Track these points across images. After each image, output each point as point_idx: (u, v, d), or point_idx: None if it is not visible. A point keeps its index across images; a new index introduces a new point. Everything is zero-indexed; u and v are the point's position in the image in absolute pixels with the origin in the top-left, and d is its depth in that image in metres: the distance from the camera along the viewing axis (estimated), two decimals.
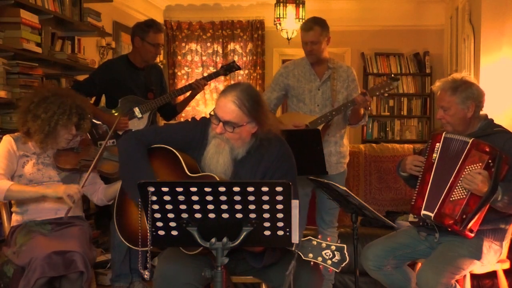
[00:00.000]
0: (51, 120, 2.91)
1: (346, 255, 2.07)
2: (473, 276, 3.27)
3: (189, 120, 2.63)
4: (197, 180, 2.30)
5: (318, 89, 3.64)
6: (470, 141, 2.73)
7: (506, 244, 2.92)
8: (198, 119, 2.62)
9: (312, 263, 2.36)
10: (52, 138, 2.95)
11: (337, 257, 2.06)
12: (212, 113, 2.43)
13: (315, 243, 2.08)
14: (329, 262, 2.06)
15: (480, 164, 2.67)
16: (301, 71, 3.69)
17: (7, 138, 2.99)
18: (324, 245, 2.08)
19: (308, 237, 2.09)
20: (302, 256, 2.07)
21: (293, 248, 2.02)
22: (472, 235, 2.72)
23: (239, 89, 2.39)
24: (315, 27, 3.56)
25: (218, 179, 2.33)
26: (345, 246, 2.08)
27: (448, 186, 2.75)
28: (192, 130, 2.54)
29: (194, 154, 2.51)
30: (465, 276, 2.84)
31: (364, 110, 3.60)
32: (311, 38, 3.56)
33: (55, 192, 2.82)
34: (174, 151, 2.48)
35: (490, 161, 2.65)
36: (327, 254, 2.07)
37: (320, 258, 2.07)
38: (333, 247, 2.07)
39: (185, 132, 2.54)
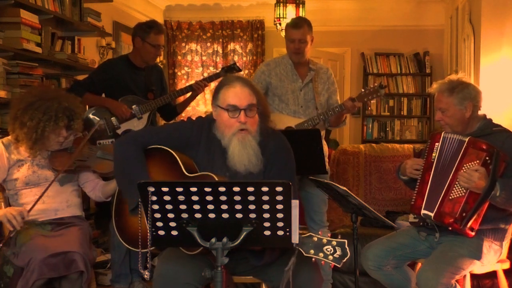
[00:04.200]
0: (37, 128, 2.86)
1: (347, 250, 2.06)
2: (473, 276, 3.26)
3: (185, 120, 2.64)
4: (195, 180, 2.30)
5: (300, 90, 3.63)
6: (467, 139, 2.75)
7: (506, 244, 2.92)
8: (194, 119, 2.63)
9: (312, 261, 2.36)
10: (41, 144, 2.91)
11: (339, 252, 2.06)
12: (213, 111, 2.45)
13: (315, 239, 2.08)
14: (331, 257, 2.06)
15: (478, 161, 2.68)
16: (283, 70, 3.67)
17: None
18: (325, 241, 2.07)
19: (309, 234, 2.08)
20: (303, 253, 2.07)
21: (294, 245, 2.02)
22: (473, 233, 2.73)
23: (238, 76, 2.50)
24: (304, 25, 3.58)
25: (216, 179, 2.32)
26: (345, 241, 2.07)
27: (446, 185, 2.76)
28: (188, 129, 2.55)
29: (191, 153, 2.51)
30: (465, 276, 2.84)
31: (345, 115, 3.61)
32: (300, 35, 3.56)
33: None
34: (171, 151, 2.48)
35: (487, 158, 2.67)
36: (328, 249, 2.07)
37: (321, 254, 2.07)
38: (334, 243, 2.07)
39: (181, 132, 2.54)
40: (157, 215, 2.00)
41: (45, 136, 2.90)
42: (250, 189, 1.92)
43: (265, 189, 1.92)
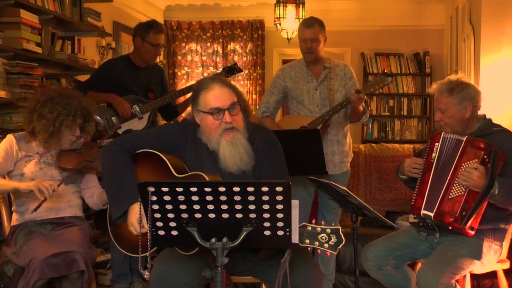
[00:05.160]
0: (56, 120, 2.91)
1: (342, 236, 2.06)
2: (473, 276, 3.27)
3: (171, 122, 2.65)
4: (185, 180, 2.30)
5: (316, 89, 3.65)
6: (465, 138, 2.76)
7: (506, 244, 2.93)
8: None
9: (309, 261, 2.36)
10: (56, 138, 2.95)
11: (333, 239, 2.06)
12: (188, 115, 2.45)
13: (309, 228, 2.08)
14: (326, 245, 2.06)
15: (476, 160, 2.69)
16: (298, 72, 3.70)
17: (10, 137, 3.01)
18: (319, 229, 2.07)
19: (303, 223, 2.08)
20: (299, 243, 2.07)
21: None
22: (473, 232, 2.73)
23: (213, 77, 2.49)
24: (315, 24, 3.60)
25: (207, 178, 2.32)
26: (339, 227, 2.07)
27: (446, 184, 2.77)
28: (174, 131, 2.55)
29: (179, 155, 2.51)
30: (465, 276, 2.84)
31: (363, 107, 3.60)
32: (311, 35, 3.58)
33: (26, 185, 2.79)
34: (159, 153, 2.48)
35: (485, 156, 2.67)
36: (323, 238, 2.07)
37: (316, 243, 2.07)
38: (328, 230, 2.06)
39: (167, 134, 2.55)
40: (157, 215, 2.00)
41: (61, 130, 2.94)
42: (250, 189, 1.92)
43: (265, 189, 1.92)
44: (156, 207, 1.98)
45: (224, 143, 2.42)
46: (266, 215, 1.96)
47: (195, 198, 1.95)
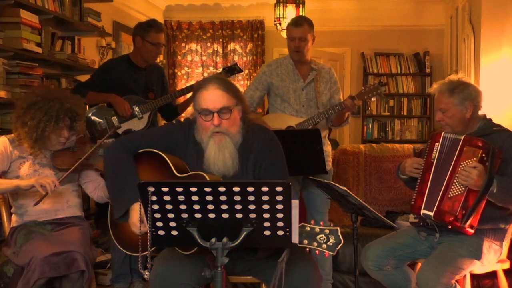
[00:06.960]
0: (38, 127, 2.88)
1: (341, 237, 2.06)
2: (473, 276, 3.27)
3: (174, 122, 2.64)
4: (186, 180, 2.30)
5: (302, 89, 3.64)
6: (462, 137, 2.76)
7: (506, 244, 2.93)
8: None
9: (309, 260, 2.36)
10: (42, 143, 2.92)
11: (332, 240, 2.06)
12: (191, 115, 2.44)
13: (308, 229, 2.08)
14: (324, 246, 2.06)
15: (475, 158, 2.69)
16: (284, 70, 3.69)
17: (3, 138, 2.99)
18: (317, 230, 2.08)
19: (301, 224, 2.08)
20: (297, 244, 2.07)
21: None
22: (473, 231, 2.73)
23: (213, 77, 2.47)
24: (304, 23, 3.60)
25: (207, 178, 2.32)
26: (338, 228, 2.08)
27: (445, 184, 2.77)
28: (175, 131, 2.55)
29: (180, 155, 2.51)
30: (465, 276, 2.84)
31: (349, 113, 3.61)
32: (300, 34, 3.58)
33: (27, 181, 2.78)
34: (161, 153, 2.48)
35: (483, 155, 2.67)
36: (321, 238, 2.07)
37: (315, 243, 2.07)
38: (327, 231, 2.07)
39: (169, 134, 2.55)
40: (157, 215, 2.00)
41: (46, 136, 2.91)
42: (250, 189, 1.92)
43: (265, 189, 1.92)
44: (156, 207, 1.98)
45: (212, 144, 2.42)
46: (266, 215, 1.96)
47: (195, 198, 1.95)
